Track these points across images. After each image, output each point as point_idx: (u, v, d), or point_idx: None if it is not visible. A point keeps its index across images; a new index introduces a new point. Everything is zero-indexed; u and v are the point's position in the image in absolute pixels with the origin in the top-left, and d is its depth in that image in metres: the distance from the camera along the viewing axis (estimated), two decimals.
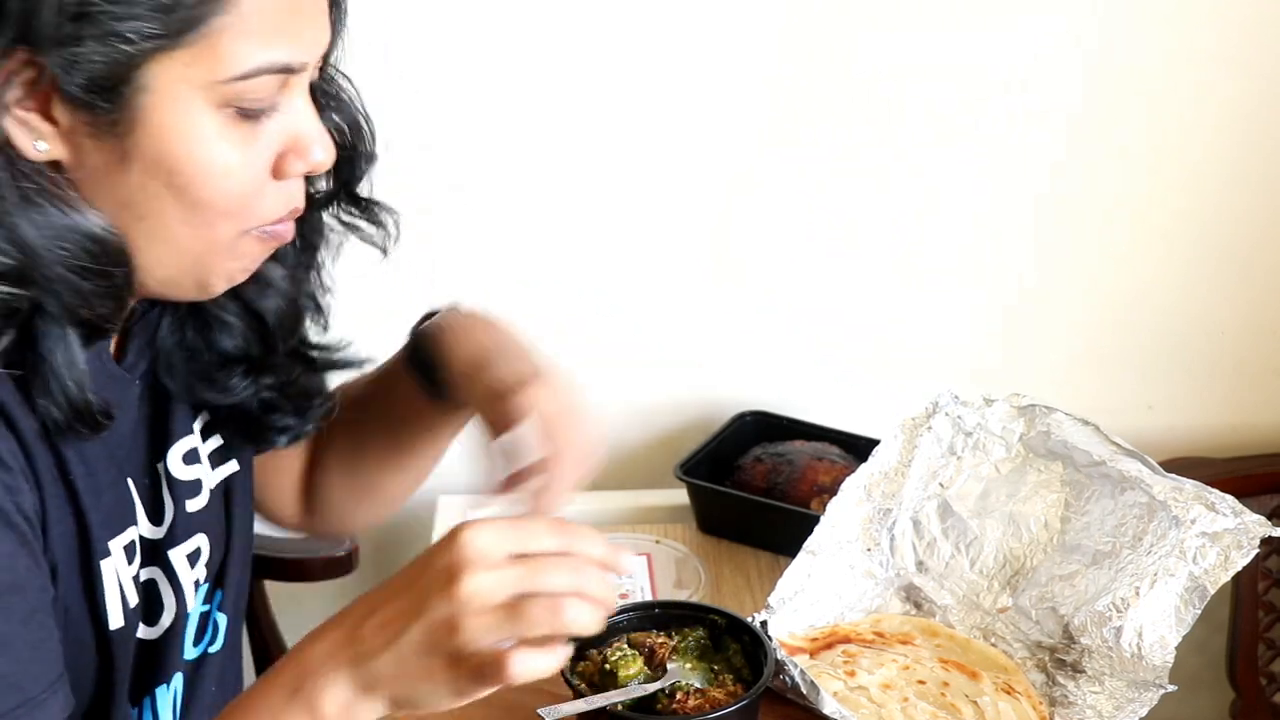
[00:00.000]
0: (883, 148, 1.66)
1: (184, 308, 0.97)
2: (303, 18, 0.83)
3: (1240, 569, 1.17)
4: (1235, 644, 1.74)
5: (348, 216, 1.02)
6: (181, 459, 1.00)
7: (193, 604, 1.01)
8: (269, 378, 1.02)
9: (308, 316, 1.04)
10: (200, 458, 1.02)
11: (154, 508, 0.98)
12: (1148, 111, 1.68)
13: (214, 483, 1.03)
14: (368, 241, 1.03)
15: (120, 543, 0.93)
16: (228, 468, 1.05)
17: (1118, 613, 1.18)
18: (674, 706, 1.07)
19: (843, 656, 1.22)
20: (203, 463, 1.02)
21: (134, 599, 0.94)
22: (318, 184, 0.97)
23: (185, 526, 1.00)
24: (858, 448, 1.57)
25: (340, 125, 0.95)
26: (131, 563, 0.94)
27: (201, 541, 1.01)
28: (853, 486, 1.28)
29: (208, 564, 1.02)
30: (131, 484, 0.95)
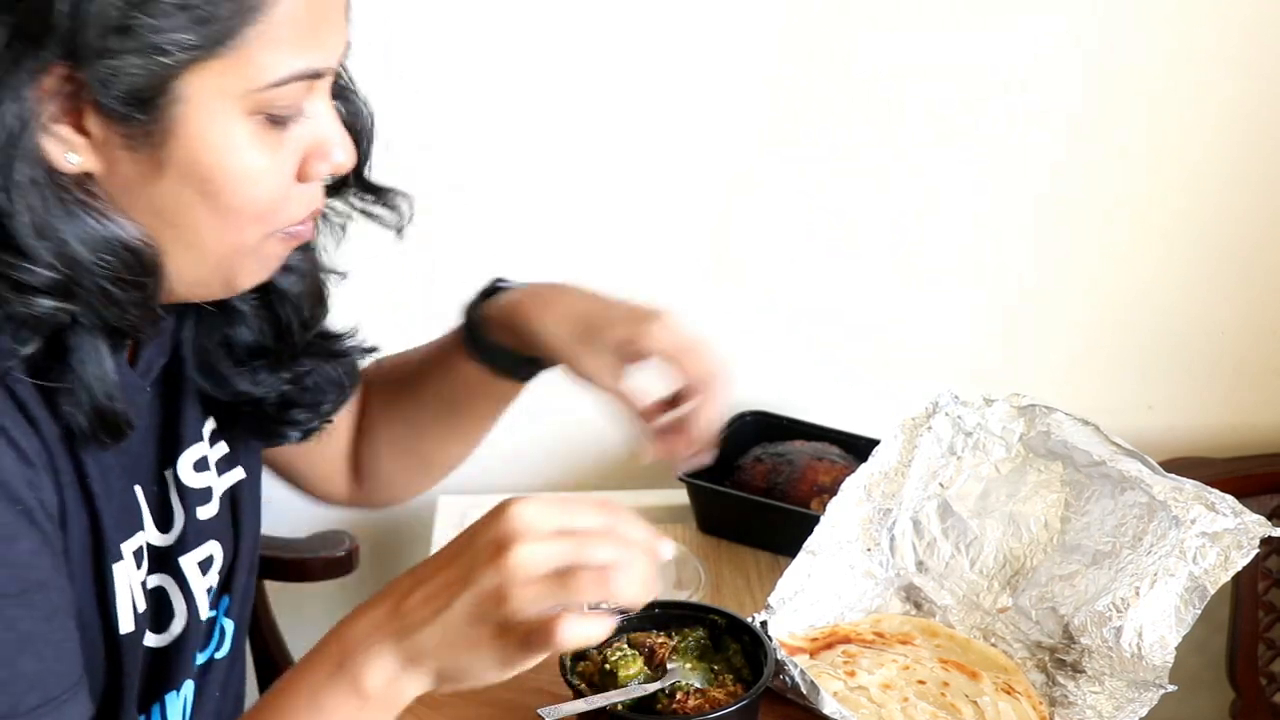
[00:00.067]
0: (883, 148, 1.66)
1: (209, 305, 0.97)
2: (328, 24, 0.84)
3: (1240, 569, 1.17)
4: (1235, 644, 1.74)
5: (360, 202, 1.02)
6: (192, 466, 1.00)
7: (204, 611, 1.00)
8: (295, 366, 1.02)
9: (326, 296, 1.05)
10: (209, 465, 1.02)
11: (162, 515, 0.98)
12: (1148, 111, 1.67)
13: (222, 490, 1.03)
14: (381, 224, 1.03)
15: (130, 548, 0.93)
16: (234, 475, 1.05)
17: (1118, 613, 1.18)
18: (674, 706, 1.07)
19: (843, 656, 1.22)
20: (211, 470, 1.02)
21: (142, 605, 0.94)
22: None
23: (196, 534, 1.00)
24: (858, 448, 1.56)
25: (348, 117, 0.95)
26: (140, 568, 0.94)
27: (214, 549, 1.02)
28: (853, 486, 1.28)
29: (220, 571, 1.02)
30: (139, 490, 0.95)
